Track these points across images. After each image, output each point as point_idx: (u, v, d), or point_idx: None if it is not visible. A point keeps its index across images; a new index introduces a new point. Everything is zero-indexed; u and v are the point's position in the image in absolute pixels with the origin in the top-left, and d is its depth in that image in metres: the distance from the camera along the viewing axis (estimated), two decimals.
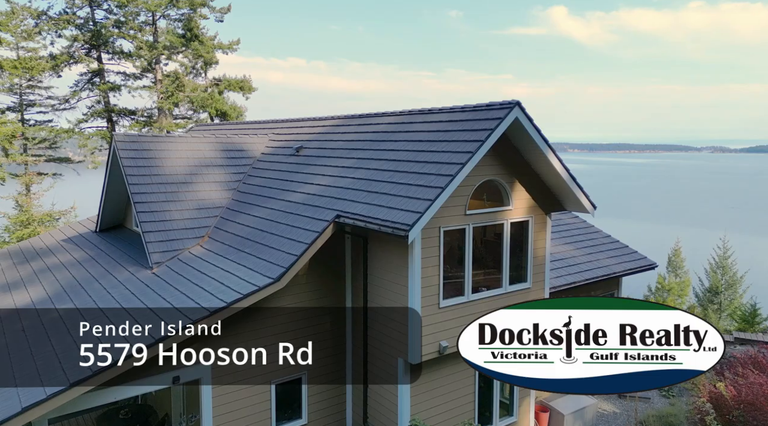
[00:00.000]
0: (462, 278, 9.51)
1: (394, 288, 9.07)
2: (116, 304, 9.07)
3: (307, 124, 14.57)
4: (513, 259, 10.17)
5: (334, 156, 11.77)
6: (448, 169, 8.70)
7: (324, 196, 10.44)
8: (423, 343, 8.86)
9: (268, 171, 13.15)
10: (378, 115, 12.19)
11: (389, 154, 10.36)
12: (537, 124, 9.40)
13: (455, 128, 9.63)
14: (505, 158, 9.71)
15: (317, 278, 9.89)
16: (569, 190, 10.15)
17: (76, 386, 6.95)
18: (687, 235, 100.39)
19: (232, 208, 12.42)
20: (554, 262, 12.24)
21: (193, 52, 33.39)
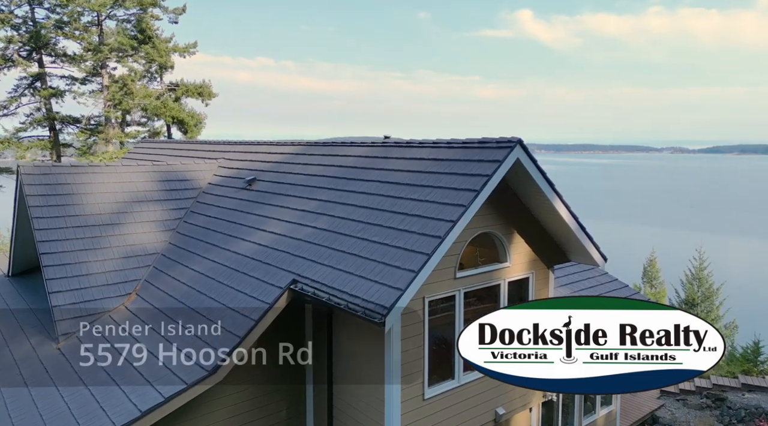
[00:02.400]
0: (451, 356, 7.62)
1: (366, 372, 7.12)
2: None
3: (262, 148, 12.45)
4: None
5: (293, 194, 9.72)
6: (435, 227, 6.79)
7: (278, 250, 8.38)
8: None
9: (215, 208, 10.99)
10: (347, 145, 10.20)
11: (360, 197, 8.39)
12: (540, 165, 7.60)
13: (442, 170, 7.72)
14: (502, 205, 7.88)
15: (270, 356, 7.82)
16: (576, 240, 8.39)
17: None
18: (651, 234, 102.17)
19: (168, 255, 10.22)
20: None
21: (145, 56, 30.61)
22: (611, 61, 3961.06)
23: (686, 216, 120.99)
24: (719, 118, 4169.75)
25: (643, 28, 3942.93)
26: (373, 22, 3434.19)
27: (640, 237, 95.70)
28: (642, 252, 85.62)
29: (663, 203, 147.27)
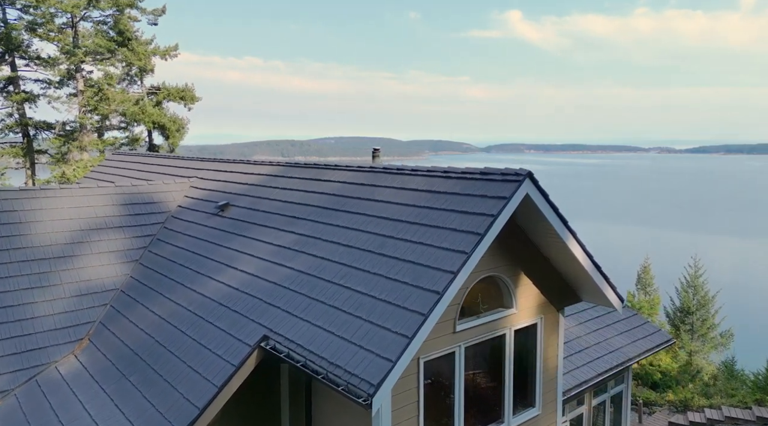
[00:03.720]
0: (450, 422, 6.54)
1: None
2: None
3: (238, 168, 11.29)
4: (517, 378, 7.30)
5: (269, 224, 8.59)
6: (431, 279, 5.70)
7: (249, 295, 7.24)
8: None
9: (183, 237, 9.82)
10: (330, 168, 9.08)
11: (344, 234, 7.28)
12: (552, 200, 6.55)
13: (439, 205, 6.64)
14: (508, 244, 6.82)
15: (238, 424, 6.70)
16: (591, 281, 7.36)
17: None
18: (639, 234, 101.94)
19: (128, 292, 9.03)
20: None
21: (122, 59, 29.20)
22: (599, 61, 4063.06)
23: (674, 215, 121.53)
24: (705, 118, 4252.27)
25: (631, 29, 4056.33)
26: (363, 21, 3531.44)
27: (629, 237, 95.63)
28: (631, 252, 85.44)
29: (651, 203, 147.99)
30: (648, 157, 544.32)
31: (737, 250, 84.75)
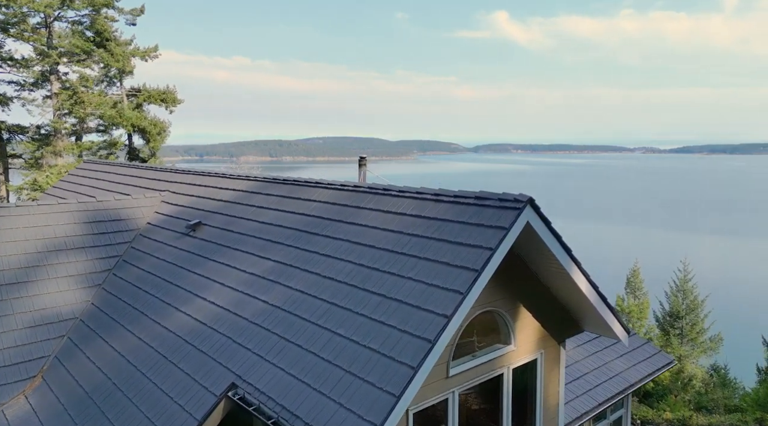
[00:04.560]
0: None
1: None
2: None
3: (213, 181, 10.50)
4: (515, 420, 6.63)
5: (244, 249, 7.83)
6: (422, 323, 5.00)
7: (218, 332, 6.49)
8: None
9: (151, 259, 9.02)
10: (311, 186, 8.33)
11: (325, 263, 6.55)
12: (554, 227, 5.89)
13: (430, 234, 5.94)
14: (506, 276, 6.14)
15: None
16: (595, 312, 6.72)
17: None
18: (624, 233, 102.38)
19: (88, 322, 8.22)
20: None
21: (99, 60, 28.13)
22: (586, 62, 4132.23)
23: (659, 215, 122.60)
24: (689, 118, 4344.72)
25: (616, 30, 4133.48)
26: (351, 21, 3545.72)
27: (616, 237, 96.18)
28: (618, 252, 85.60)
29: (636, 202, 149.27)
30: (633, 157, 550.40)
31: (722, 249, 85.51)
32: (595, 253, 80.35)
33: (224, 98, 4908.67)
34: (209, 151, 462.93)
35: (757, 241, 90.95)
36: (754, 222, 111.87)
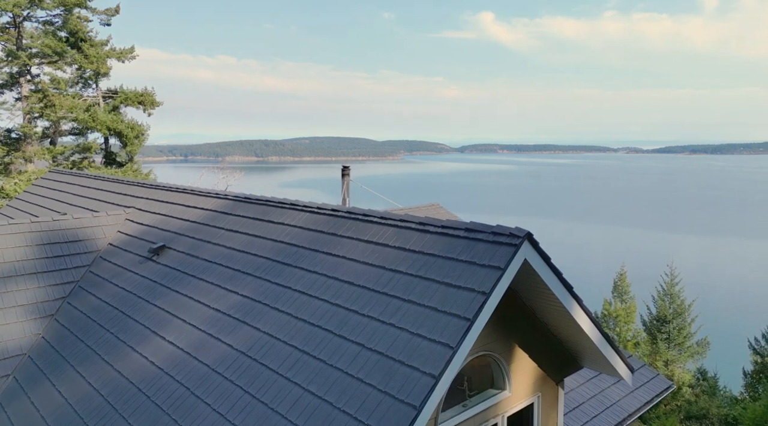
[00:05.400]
0: None
1: None
2: None
3: (181, 198, 9.69)
4: None
5: (208, 278, 7.06)
6: (405, 383, 4.31)
7: (176, 381, 5.73)
8: None
9: (109, 286, 8.20)
10: (286, 207, 7.57)
11: (298, 301, 5.82)
12: (554, 263, 5.24)
13: (415, 271, 5.25)
14: (500, 315, 5.48)
15: None
16: (597, 351, 6.09)
17: None
18: (608, 233, 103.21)
19: (36, 361, 7.38)
20: None
21: (72, 61, 27.00)
22: (570, 63, 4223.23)
23: (643, 215, 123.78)
24: (671, 119, 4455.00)
25: (600, 32, 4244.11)
26: (336, 21, 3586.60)
27: (602, 236, 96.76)
28: (605, 252, 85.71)
29: (620, 202, 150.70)
30: (617, 157, 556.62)
31: (708, 248, 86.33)
32: (581, 253, 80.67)
33: (209, 98, 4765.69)
34: (194, 151, 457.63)
35: (744, 240, 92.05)
36: (742, 221, 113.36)
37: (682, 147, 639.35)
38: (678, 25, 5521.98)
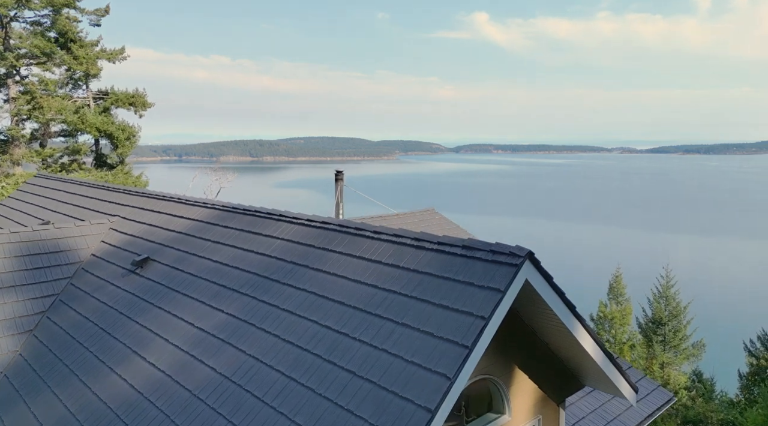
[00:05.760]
0: None
1: None
2: None
3: (169, 207, 9.34)
4: None
5: (193, 294, 6.74)
6: (399, 417, 4.00)
7: (155, 406, 5.39)
8: None
9: (90, 300, 7.86)
10: (274, 219, 7.26)
11: (284, 321, 5.51)
12: (556, 282, 4.95)
13: (409, 291, 4.95)
14: (500, 337, 5.19)
15: None
16: (600, 372, 5.82)
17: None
18: (603, 233, 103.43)
19: (13, 380, 7.03)
20: None
21: (60, 62, 26.53)
22: (564, 63, 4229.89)
23: (637, 215, 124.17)
24: (664, 119, 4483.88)
25: (594, 32, 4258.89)
26: (332, 21, 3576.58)
27: (597, 236, 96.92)
28: (598, 251, 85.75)
29: (614, 202, 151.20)
30: (611, 157, 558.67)
31: (700, 248, 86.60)
32: (575, 252, 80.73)
33: (203, 97, 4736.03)
34: (188, 151, 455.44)
35: (739, 241, 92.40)
36: (738, 221, 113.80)
37: (676, 147, 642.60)
38: (672, 26, 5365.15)
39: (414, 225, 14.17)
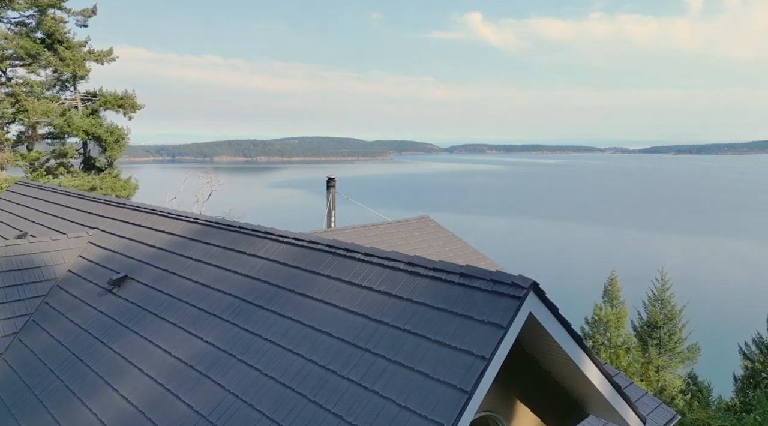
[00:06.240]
0: None
1: None
2: None
3: (150, 221, 8.87)
4: None
5: (171, 318, 6.29)
6: None
7: None
8: None
9: (64, 322, 7.39)
10: (260, 236, 6.81)
11: (267, 352, 5.08)
12: (561, 313, 4.56)
13: (403, 324, 4.53)
14: (501, 370, 4.79)
15: None
16: (606, 403, 5.43)
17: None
18: (597, 234, 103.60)
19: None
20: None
21: (46, 64, 25.92)
22: (558, 63, 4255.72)
23: (630, 214, 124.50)
24: (657, 119, 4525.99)
25: (587, 33, 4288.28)
26: (325, 21, 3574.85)
27: (590, 235, 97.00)
28: (592, 251, 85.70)
29: (607, 202, 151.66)
30: (604, 157, 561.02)
31: (695, 248, 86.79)
32: (572, 253, 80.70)
33: (196, 97, 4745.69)
34: (181, 152, 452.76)
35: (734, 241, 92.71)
36: (732, 221, 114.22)
37: (668, 147, 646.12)
38: (664, 26, 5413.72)
39: (408, 233, 13.78)
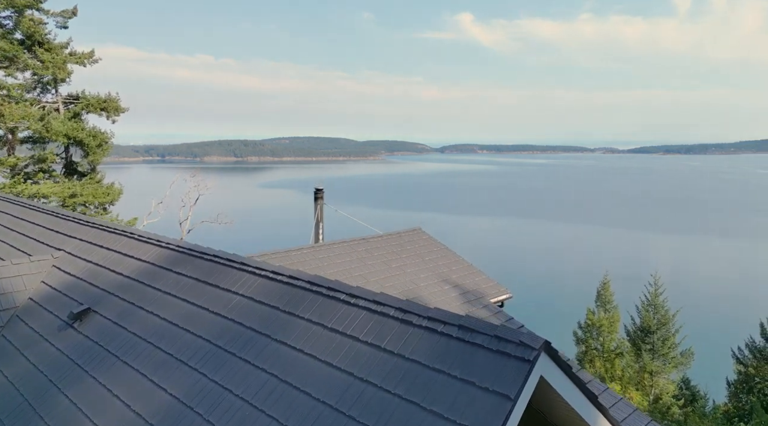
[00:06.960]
0: None
1: None
2: None
3: (121, 244, 8.16)
4: None
5: (134, 363, 5.61)
6: None
7: None
8: None
9: (19, 360, 6.67)
10: (236, 267, 6.15)
11: (238, 414, 4.43)
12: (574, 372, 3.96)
13: (394, 388, 3.90)
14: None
15: None
16: None
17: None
18: (590, 232, 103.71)
19: None
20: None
21: (24, 67, 24.99)
22: (548, 64, 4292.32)
23: (620, 214, 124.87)
24: (645, 120, 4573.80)
25: (576, 34, 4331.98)
26: (316, 21, 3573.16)
27: (583, 235, 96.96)
28: (585, 250, 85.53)
29: (598, 202, 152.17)
30: (594, 157, 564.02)
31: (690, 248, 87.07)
32: (564, 253, 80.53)
33: (187, 97, 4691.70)
34: (171, 152, 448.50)
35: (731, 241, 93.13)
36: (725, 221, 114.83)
37: (657, 147, 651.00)
38: (652, 27, 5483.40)
39: (399, 247, 13.16)
